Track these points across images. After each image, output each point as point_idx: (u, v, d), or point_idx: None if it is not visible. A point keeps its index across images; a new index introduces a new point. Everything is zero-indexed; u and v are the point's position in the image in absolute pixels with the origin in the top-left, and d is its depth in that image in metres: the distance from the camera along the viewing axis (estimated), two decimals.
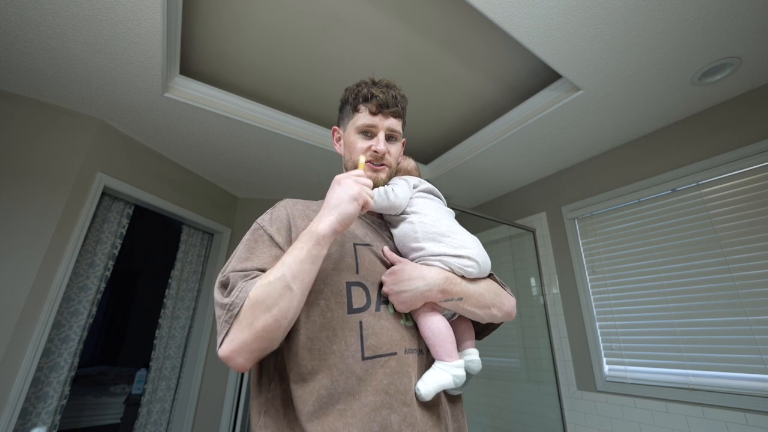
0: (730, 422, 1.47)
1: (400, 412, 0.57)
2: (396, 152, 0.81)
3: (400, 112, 0.79)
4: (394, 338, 0.62)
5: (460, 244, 0.69)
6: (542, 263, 2.40)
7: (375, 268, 0.68)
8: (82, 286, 1.90)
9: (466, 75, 1.76)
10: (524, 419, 2.31)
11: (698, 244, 1.70)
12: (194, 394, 2.45)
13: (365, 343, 0.60)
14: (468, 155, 2.27)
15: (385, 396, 0.57)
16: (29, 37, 1.38)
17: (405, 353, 0.62)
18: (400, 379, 0.59)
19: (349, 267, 0.66)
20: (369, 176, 0.75)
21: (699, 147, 1.77)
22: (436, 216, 0.73)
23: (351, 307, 0.63)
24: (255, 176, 2.61)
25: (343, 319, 0.62)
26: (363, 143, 0.77)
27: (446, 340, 0.63)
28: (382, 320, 0.63)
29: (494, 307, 0.70)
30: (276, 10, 1.43)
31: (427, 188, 0.82)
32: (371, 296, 0.65)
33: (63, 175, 1.74)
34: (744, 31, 1.32)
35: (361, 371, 0.58)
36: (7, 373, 1.49)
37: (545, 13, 1.25)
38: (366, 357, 0.59)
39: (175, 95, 1.74)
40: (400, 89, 0.81)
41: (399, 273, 0.65)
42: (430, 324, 0.64)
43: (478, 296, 0.68)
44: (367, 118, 0.77)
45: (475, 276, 0.69)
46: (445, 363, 0.62)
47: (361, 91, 0.78)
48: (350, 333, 0.61)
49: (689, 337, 1.67)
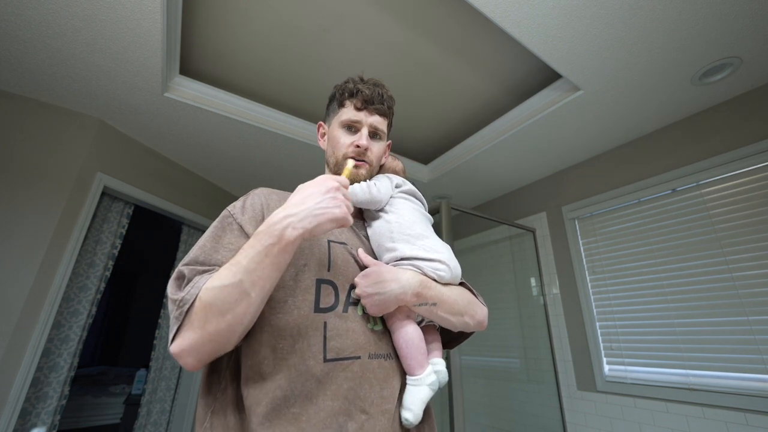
0: (730, 422, 1.47)
1: (357, 419, 0.54)
2: (378, 151, 0.79)
3: (386, 111, 0.79)
4: (359, 342, 0.60)
5: (432, 248, 0.70)
6: (542, 263, 2.40)
7: (347, 268, 0.66)
8: (82, 286, 1.90)
9: (466, 75, 1.76)
10: (524, 419, 2.31)
11: (698, 244, 1.70)
12: (194, 394, 2.45)
13: (328, 345, 0.57)
14: (468, 155, 2.27)
15: (343, 401, 0.54)
16: (29, 37, 1.38)
17: (369, 358, 0.60)
18: (360, 384, 0.57)
19: (320, 263, 0.64)
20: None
21: (699, 147, 1.77)
22: (412, 218, 0.73)
23: (318, 306, 0.60)
24: (255, 176, 2.61)
25: (309, 317, 0.58)
26: (346, 138, 0.76)
27: (419, 352, 0.63)
28: (349, 322, 0.61)
29: (467, 315, 0.69)
30: (276, 10, 1.43)
31: (409, 189, 0.81)
32: (340, 296, 0.63)
33: (63, 175, 1.74)
34: (744, 31, 1.32)
35: (321, 374, 0.55)
36: (7, 373, 1.48)
37: (545, 13, 1.25)
38: (328, 359, 0.56)
39: (175, 95, 1.74)
40: (387, 89, 0.80)
41: (373, 275, 0.63)
42: (404, 334, 0.63)
43: (452, 302, 0.67)
44: (351, 113, 0.76)
45: (447, 280, 0.69)
46: (416, 377, 0.61)
47: (348, 86, 0.77)
48: (314, 333, 0.58)
49: (689, 337, 1.67)
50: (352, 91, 0.76)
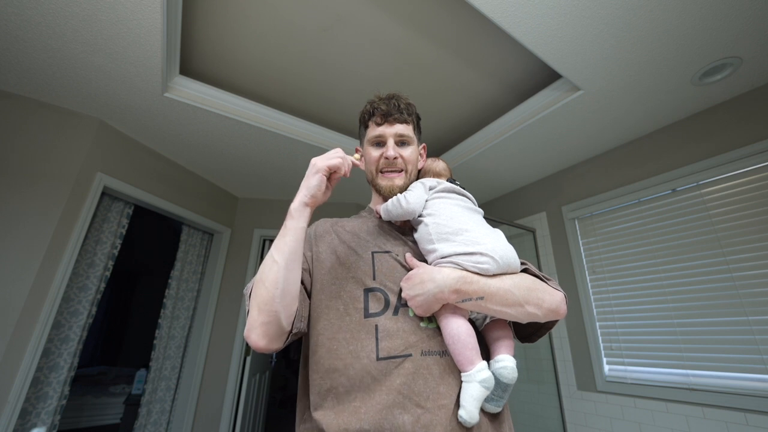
0: (730, 422, 1.47)
1: (413, 412, 0.57)
2: (410, 155, 0.83)
3: (407, 118, 0.83)
4: (410, 341, 0.63)
5: (473, 241, 0.67)
6: (542, 263, 2.40)
7: (394, 274, 0.71)
8: (82, 286, 1.90)
9: (467, 75, 1.76)
10: (524, 419, 2.31)
11: (698, 244, 1.70)
12: (194, 394, 2.45)
13: (380, 345, 0.63)
14: (468, 155, 2.27)
15: (397, 395, 0.58)
16: (29, 37, 1.38)
17: (422, 355, 0.62)
18: (414, 380, 0.60)
19: (366, 274, 0.70)
20: (384, 184, 0.82)
21: (699, 147, 1.77)
22: (449, 215, 0.72)
23: (367, 312, 0.67)
24: (255, 176, 2.61)
25: (360, 322, 0.65)
26: (376, 152, 0.83)
27: (466, 347, 0.61)
28: (399, 323, 0.65)
29: (529, 305, 0.63)
30: (276, 10, 1.43)
31: (446, 188, 0.80)
32: (390, 301, 0.68)
33: (63, 175, 1.74)
34: (744, 31, 1.32)
35: (376, 371, 0.60)
36: (7, 373, 1.48)
37: (545, 13, 1.25)
38: (380, 357, 0.61)
39: (174, 95, 1.74)
40: (404, 98, 0.85)
41: (413, 277, 0.66)
42: (450, 329, 0.63)
43: (504, 293, 0.63)
44: (375, 129, 0.83)
45: (493, 272, 0.65)
46: (466, 374, 0.60)
47: (367, 108, 0.85)
48: (366, 335, 0.64)
49: (689, 337, 1.67)
50: (371, 111, 0.83)
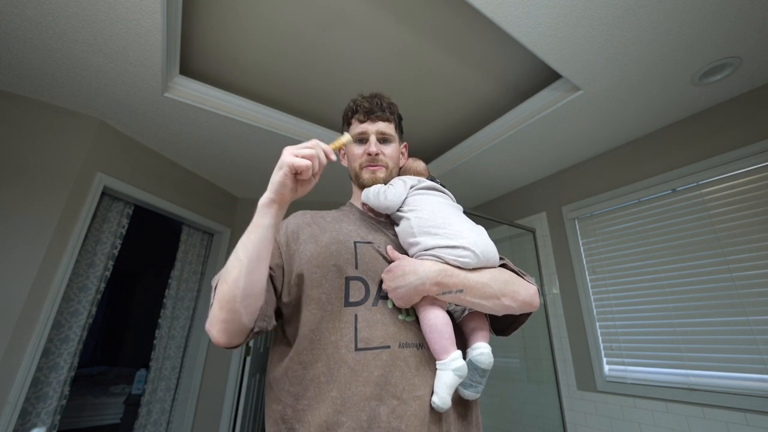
0: (730, 422, 1.47)
1: (389, 404, 0.58)
2: (392, 152, 0.85)
3: (389, 116, 0.85)
4: (389, 332, 0.64)
5: (456, 234, 0.68)
6: (542, 263, 2.40)
7: (376, 264, 0.71)
8: (82, 286, 1.90)
9: (466, 75, 1.76)
10: (524, 419, 2.31)
11: (698, 244, 1.70)
12: (194, 394, 2.45)
13: (359, 335, 0.63)
14: (468, 155, 2.27)
15: (375, 387, 0.59)
16: (29, 37, 1.38)
17: (400, 347, 0.63)
18: (391, 372, 0.60)
19: (348, 263, 0.69)
20: (367, 177, 0.82)
21: (699, 147, 1.77)
22: (431, 210, 0.73)
23: (347, 301, 0.66)
24: (255, 176, 2.61)
25: (340, 311, 0.65)
26: (359, 149, 0.84)
27: (442, 336, 0.63)
28: (378, 314, 0.65)
29: (505, 297, 0.66)
30: (276, 10, 1.43)
31: (427, 185, 0.81)
32: (371, 291, 0.68)
33: (63, 175, 1.74)
34: (744, 31, 1.32)
35: (353, 362, 0.60)
36: (7, 373, 1.49)
37: (545, 12, 1.25)
38: (358, 348, 0.62)
39: (174, 95, 1.74)
40: (387, 97, 0.87)
41: (394, 269, 0.66)
42: (427, 319, 0.64)
43: (482, 287, 0.65)
44: (358, 126, 0.85)
45: (473, 266, 0.67)
46: (441, 362, 0.62)
47: (350, 106, 0.86)
48: (345, 325, 0.64)
49: (689, 337, 1.67)
50: (354, 108, 0.85)
